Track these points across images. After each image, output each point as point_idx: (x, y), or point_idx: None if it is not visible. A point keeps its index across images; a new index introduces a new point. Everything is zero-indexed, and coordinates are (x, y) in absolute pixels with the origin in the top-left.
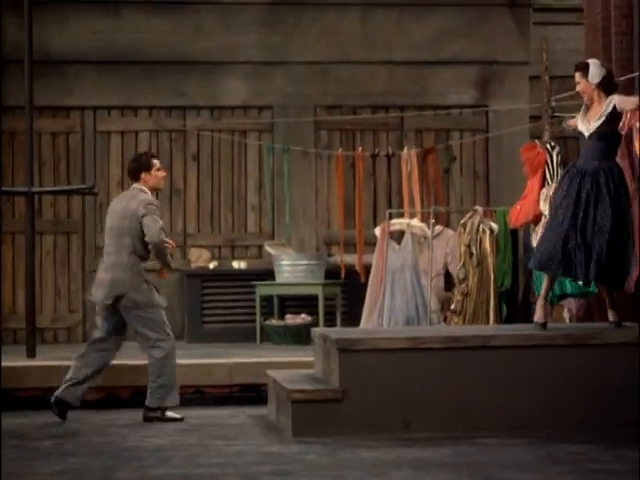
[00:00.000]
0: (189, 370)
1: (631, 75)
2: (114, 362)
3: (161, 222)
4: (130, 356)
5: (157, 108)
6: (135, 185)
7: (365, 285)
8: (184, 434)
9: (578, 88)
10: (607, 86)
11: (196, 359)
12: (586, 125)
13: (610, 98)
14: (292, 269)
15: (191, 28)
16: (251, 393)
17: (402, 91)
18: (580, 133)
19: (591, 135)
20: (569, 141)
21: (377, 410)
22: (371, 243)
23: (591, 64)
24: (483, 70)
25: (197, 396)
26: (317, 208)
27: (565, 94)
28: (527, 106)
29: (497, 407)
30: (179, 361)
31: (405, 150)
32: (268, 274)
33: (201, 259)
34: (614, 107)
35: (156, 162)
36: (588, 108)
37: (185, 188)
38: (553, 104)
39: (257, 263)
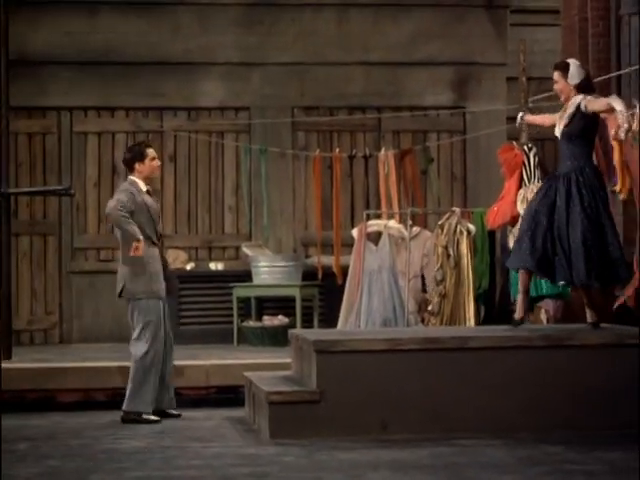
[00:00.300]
0: None
1: (608, 76)
2: (88, 364)
3: (123, 199)
4: (105, 358)
5: (134, 109)
6: (129, 177)
7: (342, 286)
8: (161, 436)
9: (556, 87)
10: (585, 88)
11: (173, 360)
12: (558, 126)
13: (577, 98)
14: (269, 270)
15: (168, 29)
16: (228, 395)
17: (379, 92)
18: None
19: (561, 136)
20: (546, 143)
21: (355, 411)
22: (348, 244)
23: (571, 64)
24: (460, 71)
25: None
26: (294, 209)
27: (542, 95)
28: (504, 107)
29: (475, 408)
30: None
31: (382, 151)
32: (245, 275)
33: (178, 260)
34: (578, 107)
35: (150, 151)
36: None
37: (162, 189)
38: (530, 105)
39: (234, 264)
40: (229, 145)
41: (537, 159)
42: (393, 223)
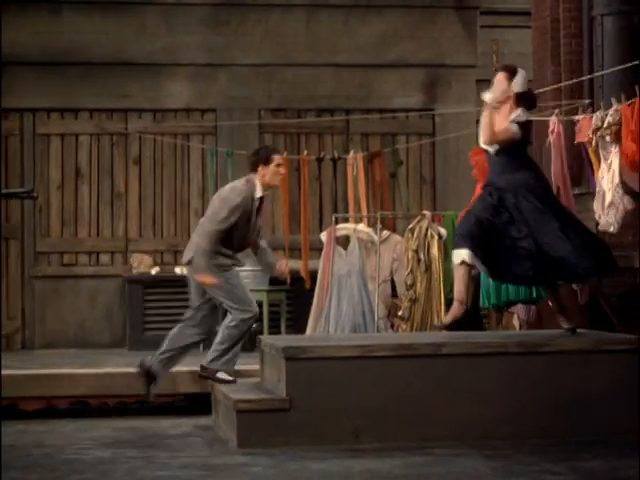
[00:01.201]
0: (131, 379)
1: (580, 79)
2: (51, 371)
3: (222, 226)
4: (69, 365)
5: (98, 111)
6: (250, 176)
7: (310, 291)
8: (126, 445)
9: (497, 85)
10: (523, 101)
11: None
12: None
13: (517, 113)
14: None
15: (133, 29)
16: (195, 402)
17: (348, 94)
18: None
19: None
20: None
21: (325, 420)
22: (317, 248)
23: (519, 72)
24: (430, 73)
25: (139, 406)
26: None
27: None
28: (474, 109)
29: (449, 417)
30: (121, 369)
31: (351, 154)
32: None
33: (143, 265)
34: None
35: (277, 157)
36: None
37: (127, 192)
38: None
39: None
40: (195, 147)
41: None
42: (362, 227)
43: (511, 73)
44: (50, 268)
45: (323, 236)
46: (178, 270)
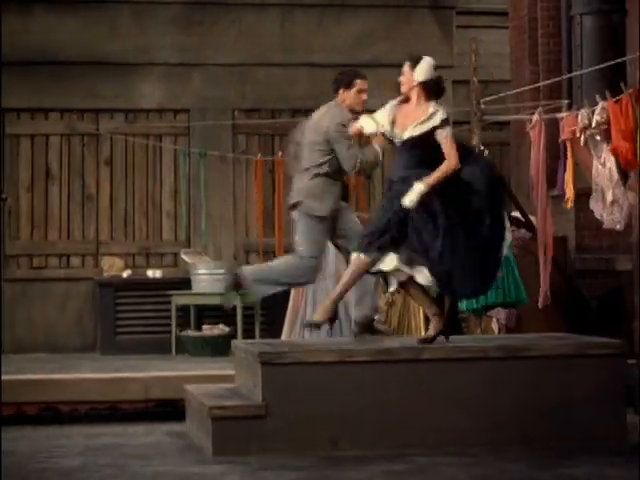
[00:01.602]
0: (102, 385)
1: (559, 78)
2: (20, 376)
3: (350, 142)
4: (39, 369)
5: (69, 111)
6: (335, 101)
7: (285, 295)
8: (97, 454)
9: (402, 78)
10: (429, 89)
11: (110, 373)
12: (399, 128)
13: (435, 110)
14: (209, 278)
15: (105, 28)
16: (168, 409)
17: (323, 94)
18: (385, 135)
19: (406, 142)
20: (505, 148)
21: (303, 427)
22: (292, 251)
23: (423, 60)
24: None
25: (111, 412)
26: (235, 215)
27: (489, 98)
28: (450, 110)
29: (430, 423)
30: (92, 375)
31: None
32: (184, 283)
33: (114, 267)
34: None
35: (359, 82)
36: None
37: (98, 194)
38: (483, 107)
39: (173, 272)
40: (167, 148)
41: None
42: None
43: (414, 62)
44: (19, 271)
45: None
46: (150, 273)
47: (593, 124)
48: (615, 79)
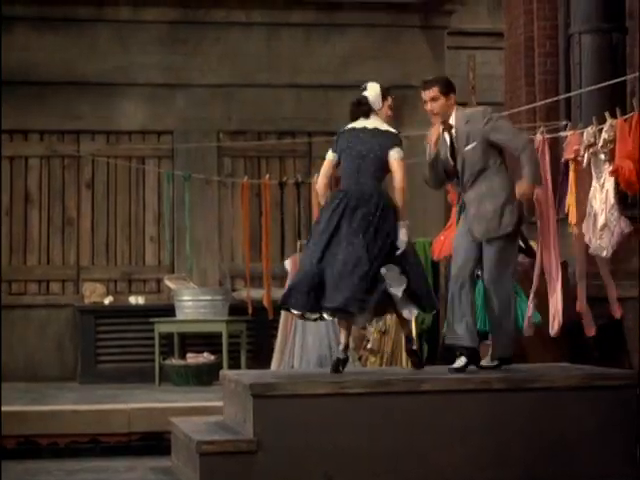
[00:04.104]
0: (83, 416)
1: (558, 97)
2: None
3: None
4: (17, 400)
5: (49, 132)
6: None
7: (272, 322)
8: None
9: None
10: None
11: (90, 404)
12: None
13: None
14: (193, 305)
15: (86, 47)
16: (152, 442)
17: (309, 116)
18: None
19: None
20: None
21: (296, 462)
22: (279, 277)
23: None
24: (395, 95)
25: (92, 446)
26: (220, 240)
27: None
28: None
29: (429, 459)
30: (70, 406)
31: (314, 178)
32: (168, 310)
33: (95, 294)
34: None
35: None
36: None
37: (78, 217)
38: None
39: (156, 298)
40: (151, 171)
41: None
42: None
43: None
44: None
45: (287, 264)
46: (132, 299)
47: (600, 142)
48: (615, 98)
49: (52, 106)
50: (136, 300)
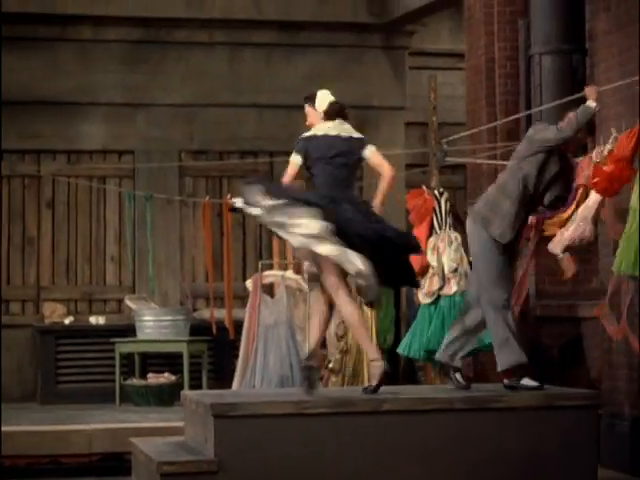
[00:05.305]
0: (43, 437)
1: (517, 116)
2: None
3: None
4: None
5: (8, 152)
6: None
7: (234, 342)
8: None
9: (308, 117)
10: (331, 114)
11: (51, 425)
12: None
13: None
14: (155, 325)
15: (47, 66)
16: (113, 463)
17: (271, 136)
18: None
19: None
20: (458, 192)
21: None
22: (240, 297)
23: (318, 94)
24: (357, 115)
25: (53, 467)
26: (182, 259)
27: (447, 139)
28: (402, 152)
29: (391, 479)
30: (30, 427)
31: None
32: (129, 330)
33: (55, 314)
34: None
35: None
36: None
37: (39, 237)
38: (445, 147)
39: (117, 318)
40: (112, 191)
41: (449, 205)
42: (290, 274)
43: (312, 100)
44: None
45: (249, 284)
46: (93, 319)
47: (605, 153)
48: None
49: (12, 125)
50: (97, 320)
